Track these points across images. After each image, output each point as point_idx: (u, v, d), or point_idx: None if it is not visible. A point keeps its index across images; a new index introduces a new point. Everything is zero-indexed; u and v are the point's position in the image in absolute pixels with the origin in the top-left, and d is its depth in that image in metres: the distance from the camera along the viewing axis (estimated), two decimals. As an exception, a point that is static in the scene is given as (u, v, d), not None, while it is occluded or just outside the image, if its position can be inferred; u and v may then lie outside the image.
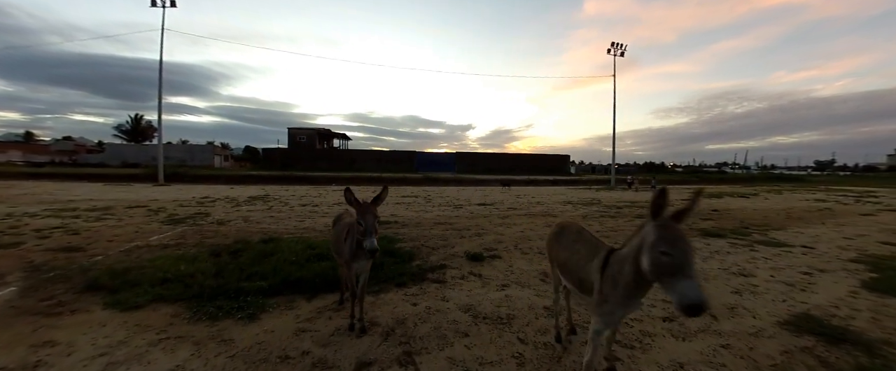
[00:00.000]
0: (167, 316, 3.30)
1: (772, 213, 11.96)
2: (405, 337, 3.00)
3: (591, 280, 2.17)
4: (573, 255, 2.46)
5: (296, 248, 5.62)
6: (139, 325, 3.13)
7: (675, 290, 1.56)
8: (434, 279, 4.60)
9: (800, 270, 5.06)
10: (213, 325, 3.12)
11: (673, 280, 1.58)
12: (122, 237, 6.82)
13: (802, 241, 7.18)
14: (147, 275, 4.25)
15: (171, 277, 4.14)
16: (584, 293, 2.31)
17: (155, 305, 3.51)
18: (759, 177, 48.91)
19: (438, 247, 6.45)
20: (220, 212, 10.75)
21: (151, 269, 4.52)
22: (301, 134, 55.38)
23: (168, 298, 3.63)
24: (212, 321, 3.19)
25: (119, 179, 27.01)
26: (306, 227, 8.50)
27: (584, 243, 2.45)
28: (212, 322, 3.17)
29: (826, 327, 3.20)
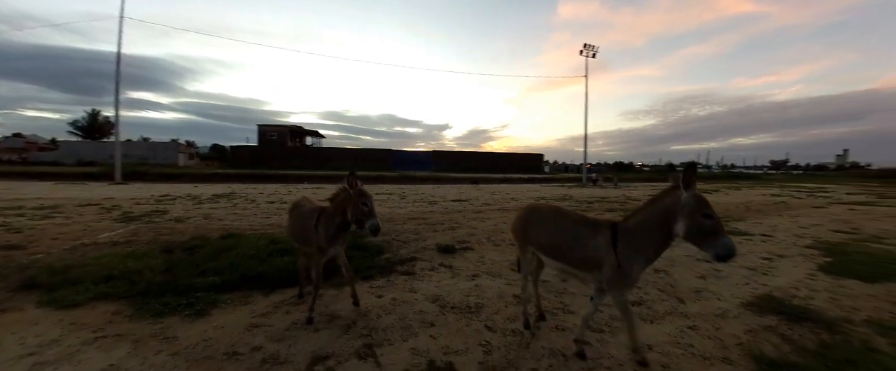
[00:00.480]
0: (107, 314, 3.05)
1: (732, 206, 12.46)
2: (367, 329, 2.85)
3: (595, 256, 2.22)
4: (563, 234, 2.42)
5: (257, 244, 5.32)
6: (75, 323, 2.87)
7: (718, 245, 1.90)
8: (403, 271, 4.45)
9: (760, 256, 5.20)
10: (156, 323, 2.89)
11: (714, 238, 1.92)
12: (69, 235, 6.29)
13: (762, 230, 7.45)
14: (89, 272, 3.93)
15: (116, 274, 3.85)
16: (583, 271, 2.33)
17: (95, 303, 3.25)
18: (720, 175, 51.37)
19: (410, 240, 6.27)
20: (179, 209, 10.11)
21: (95, 266, 4.18)
22: (272, 131, 53.61)
23: (110, 296, 3.38)
24: (156, 318, 2.96)
25: (73, 178, 25.11)
26: (273, 223, 8.09)
27: (573, 222, 2.45)
28: (156, 319, 2.95)
29: (788, 307, 3.25)
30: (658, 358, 2.43)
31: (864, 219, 9.47)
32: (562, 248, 2.40)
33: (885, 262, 4.87)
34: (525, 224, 2.71)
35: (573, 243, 2.34)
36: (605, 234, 2.20)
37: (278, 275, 3.92)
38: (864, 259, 4.99)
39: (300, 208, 3.33)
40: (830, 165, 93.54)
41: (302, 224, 3.13)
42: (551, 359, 2.44)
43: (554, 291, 3.73)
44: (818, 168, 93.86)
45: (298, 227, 3.21)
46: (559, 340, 2.69)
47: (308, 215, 3.07)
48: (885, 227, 8.02)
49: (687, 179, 1.98)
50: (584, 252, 2.27)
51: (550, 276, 4.18)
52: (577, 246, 2.31)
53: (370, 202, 2.74)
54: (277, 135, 53.32)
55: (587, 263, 2.28)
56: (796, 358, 2.43)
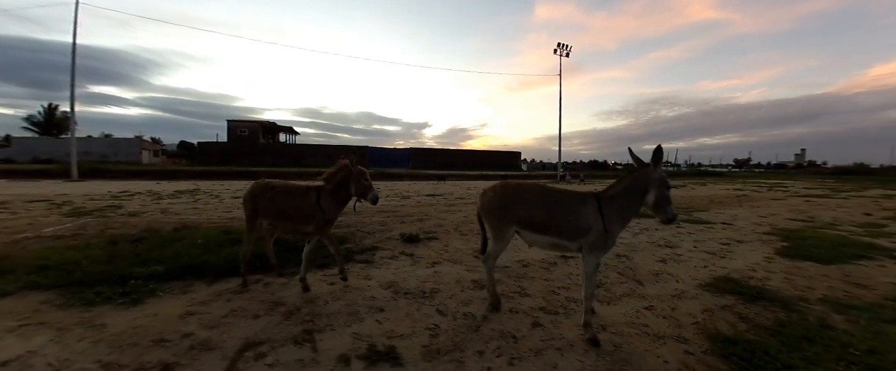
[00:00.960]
0: (35, 303, 2.90)
1: (697, 199, 12.80)
2: (311, 315, 2.68)
3: (586, 225, 2.40)
4: (557, 207, 2.49)
5: (207, 234, 5.07)
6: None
7: (669, 211, 2.41)
8: (362, 260, 4.26)
9: (720, 242, 5.24)
10: (86, 311, 2.75)
11: (668, 206, 2.41)
12: (12, 229, 5.82)
13: (722, 219, 7.60)
14: (24, 263, 3.74)
15: (52, 265, 3.66)
16: (572, 240, 2.45)
17: (25, 293, 3.09)
18: (687, 173, 53.35)
19: (375, 231, 6.03)
20: (136, 205, 9.51)
21: (31, 257, 3.96)
22: (242, 127, 51.74)
23: (42, 286, 3.21)
24: (86, 307, 2.81)
25: (26, 176, 23.43)
26: (234, 216, 7.65)
27: (562, 195, 2.57)
28: (86, 308, 2.80)
29: (744, 287, 3.21)
30: (610, 338, 2.30)
31: (820, 209, 9.87)
32: (556, 220, 2.46)
33: (839, 245, 4.99)
34: (508, 202, 2.57)
35: (567, 215, 2.44)
36: (593, 204, 2.44)
37: (225, 264, 3.72)
38: (819, 243, 5.10)
39: (279, 189, 3.22)
40: (790, 164, 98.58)
41: (292, 203, 3.15)
42: (500, 341, 2.28)
43: (513, 276, 3.58)
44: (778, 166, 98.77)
45: (284, 206, 3.16)
46: (511, 323, 2.54)
47: (302, 193, 3.17)
48: (839, 216, 8.35)
49: (655, 159, 2.37)
50: (577, 221, 2.41)
51: (512, 263, 4.04)
52: (571, 217, 2.42)
53: (368, 177, 3.18)
54: (248, 131, 51.51)
55: (578, 232, 2.41)
56: (753, 336, 2.35)
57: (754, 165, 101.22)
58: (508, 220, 2.57)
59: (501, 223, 2.60)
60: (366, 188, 3.16)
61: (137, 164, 41.72)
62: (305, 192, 3.18)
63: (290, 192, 3.21)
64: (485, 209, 2.67)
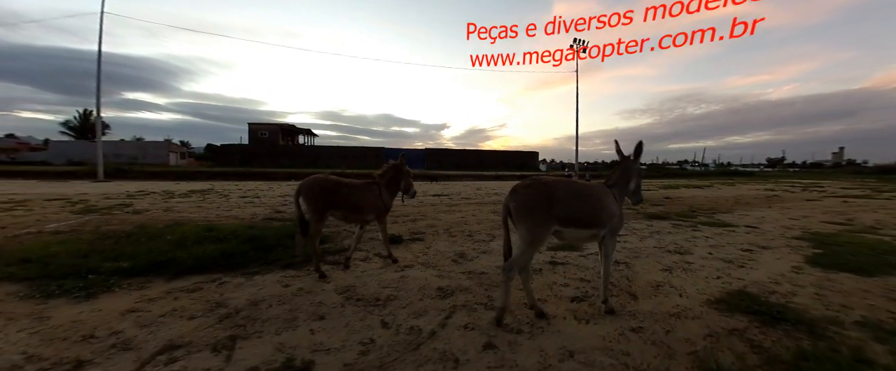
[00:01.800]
0: (1, 294, 2.96)
1: (721, 199, 11.89)
2: (247, 319, 2.52)
3: (612, 212, 2.58)
4: (593, 201, 2.53)
5: (187, 231, 5.01)
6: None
7: (640, 195, 2.87)
8: (332, 261, 3.99)
9: (740, 247, 4.61)
10: (41, 303, 2.79)
11: (640, 192, 2.86)
12: (18, 225, 5.99)
13: (747, 221, 6.87)
14: (9, 255, 3.83)
15: (34, 258, 3.77)
16: (601, 228, 2.54)
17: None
18: (715, 172, 50.91)
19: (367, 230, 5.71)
20: (145, 203, 9.60)
21: (18, 250, 4.10)
22: (263, 129, 52.90)
23: (16, 277, 3.28)
24: (44, 299, 2.85)
25: (57, 177, 24.60)
26: (232, 215, 7.59)
27: (592, 189, 2.64)
28: (43, 300, 2.84)
29: (762, 305, 2.65)
30: (575, 369, 1.82)
31: (859, 210, 8.91)
32: (595, 212, 2.51)
33: (882, 252, 4.29)
34: (550, 199, 2.35)
35: (600, 205, 2.53)
36: (610, 194, 2.66)
37: (192, 261, 3.67)
38: (858, 250, 4.40)
39: (342, 183, 3.49)
40: (827, 163, 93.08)
41: (363, 196, 3.53)
42: (437, 364, 1.87)
43: (487, 284, 3.15)
44: (814, 165, 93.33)
45: (357, 200, 3.50)
46: (460, 342, 2.12)
47: (366, 188, 3.60)
48: (882, 218, 7.45)
49: (637, 152, 2.83)
50: (608, 209, 2.55)
51: (491, 268, 3.59)
52: (602, 206, 2.54)
53: (411, 176, 3.93)
54: (268, 133, 52.61)
55: (608, 219, 2.54)
56: (765, 371, 1.83)
57: (788, 165, 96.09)
58: (550, 219, 2.36)
59: (543, 223, 2.34)
60: (409, 184, 3.91)
61: (164, 165, 43.22)
62: (370, 186, 3.63)
63: (358, 187, 3.55)
64: (523, 210, 2.35)
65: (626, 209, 3.33)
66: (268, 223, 6.57)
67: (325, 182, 3.41)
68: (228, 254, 4.02)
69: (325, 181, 3.42)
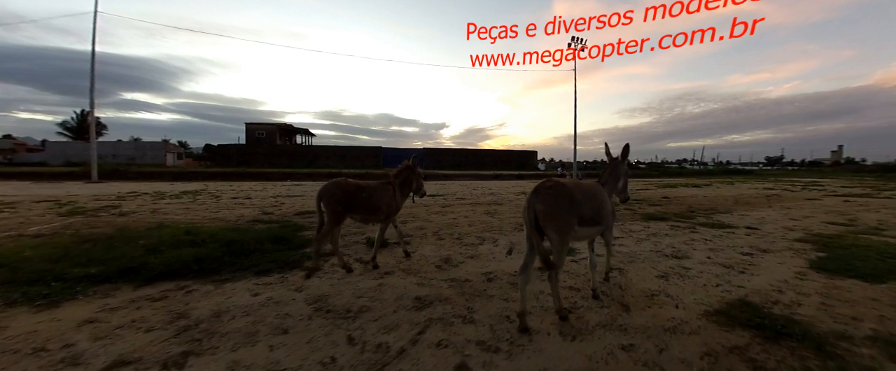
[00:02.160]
0: None
1: (721, 199, 11.68)
2: (206, 333, 2.37)
3: (610, 208, 2.86)
4: (595, 201, 2.67)
5: (165, 235, 4.86)
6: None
7: (627, 192, 3.22)
8: (308, 267, 3.74)
9: (741, 251, 4.40)
10: (2, 312, 2.67)
11: (627, 189, 3.21)
12: (1, 228, 5.89)
13: (747, 222, 6.66)
14: None
15: (5, 262, 3.67)
16: (600, 225, 2.75)
17: None
18: (714, 171, 50.72)
19: (346, 234, 5.51)
20: (134, 205, 9.43)
21: None
22: (260, 129, 52.62)
23: None
24: (6, 307, 2.75)
25: (52, 178, 24.48)
26: (218, 217, 7.41)
27: (594, 189, 2.78)
28: (5, 308, 2.73)
29: (766, 317, 2.44)
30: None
31: (861, 210, 8.71)
32: (603, 210, 2.72)
33: (889, 256, 4.07)
34: (573, 200, 2.43)
35: (604, 203, 2.75)
36: (608, 194, 2.93)
37: (164, 267, 3.52)
38: (864, 254, 4.19)
39: (360, 186, 3.59)
40: (826, 161, 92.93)
41: (380, 198, 3.64)
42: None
43: (468, 293, 2.93)
44: (813, 164, 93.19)
45: (376, 202, 3.60)
46: (430, 362, 1.91)
47: (382, 188, 3.71)
48: (885, 219, 7.25)
49: (624, 154, 3.09)
50: (607, 209, 2.78)
51: (475, 275, 3.38)
52: (605, 206, 2.76)
53: (422, 177, 4.12)
54: (265, 133, 52.34)
55: (607, 218, 2.78)
56: (769, 399, 1.62)
57: (787, 163, 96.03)
58: (574, 220, 2.43)
59: (571, 224, 2.42)
60: (420, 185, 4.11)
61: (161, 166, 42.98)
62: (386, 187, 3.75)
63: (376, 189, 3.65)
64: (552, 213, 2.34)
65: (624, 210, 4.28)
66: (252, 225, 6.37)
67: (345, 186, 3.49)
68: (202, 259, 3.83)
69: (345, 185, 3.51)
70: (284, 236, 5.11)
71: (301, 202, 10.36)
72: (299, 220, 6.98)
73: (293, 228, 5.88)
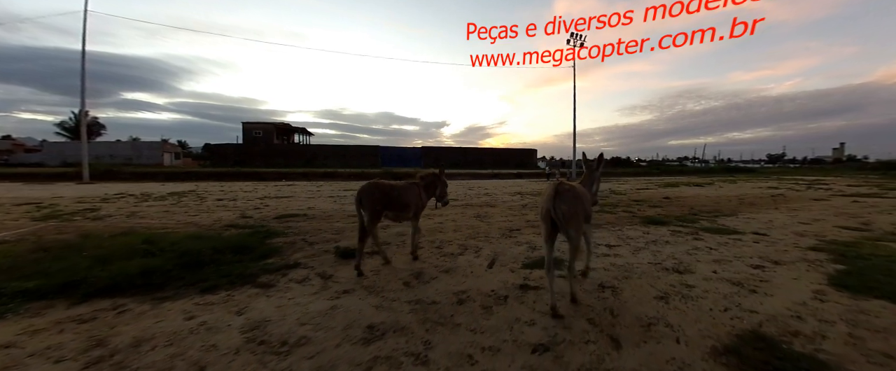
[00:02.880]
0: None
1: (724, 199, 11.22)
2: (118, 366, 2.05)
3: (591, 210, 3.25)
4: (589, 201, 3.03)
5: (118, 244, 4.52)
6: None
7: (596, 197, 3.53)
8: (262, 283, 3.40)
9: (750, 263, 3.96)
10: None
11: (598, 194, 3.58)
12: None
13: (754, 227, 6.21)
14: None
15: None
16: (588, 222, 3.18)
17: None
18: (716, 169, 50.18)
19: (320, 242, 5.14)
20: (113, 208, 9.09)
21: None
22: (257, 129, 52.25)
23: None
24: None
25: (46, 179, 24.30)
26: (193, 221, 7.06)
27: (585, 191, 3.05)
28: None
29: (785, 357, 2.00)
30: None
31: (872, 211, 8.25)
32: (590, 210, 3.05)
33: (916, 269, 3.62)
34: (584, 200, 2.82)
35: (589, 202, 3.07)
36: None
37: (107, 281, 3.21)
38: (887, 266, 3.74)
39: (392, 186, 3.79)
40: (827, 159, 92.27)
41: (407, 195, 3.83)
42: None
43: (430, 320, 2.49)
44: (815, 161, 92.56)
45: (407, 201, 3.82)
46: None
47: (410, 188, 3.93)
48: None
49: (599, 162, 3.53)
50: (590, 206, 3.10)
51: (444, 296, 2.95)
52: (589, 204, 3.09)
53: (446, 185, 4.35)
54: (262, 132, 51.98)
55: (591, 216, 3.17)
56: None
57: (789, 161, 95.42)
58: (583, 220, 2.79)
59: (583, 222, 2.81)
60: (443, 193, 4.32)
61: (158, 166, 42.68)
62: (412, 187, 3.96)
63: (406, 189, 3.87)
64: (574, 214, 2.64)
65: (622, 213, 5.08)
66: (222, 232, 5.98)
67: (381, 186, 3.68)
68: (150, 272, 3.51)
69: (381, 185, 3.69)
70: (249, 245, 4.72)
71: (287, 204, 9.95)
72: (276, 224, 6.57)
73: (264, 235, 5.47)
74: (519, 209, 8.83)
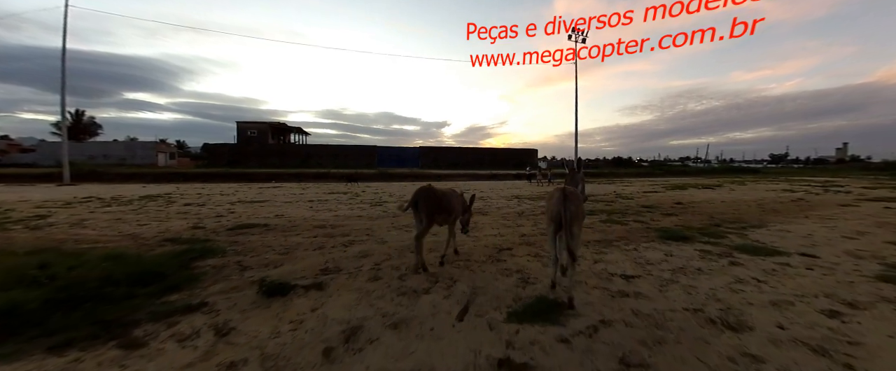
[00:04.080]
0: None
1: (743, 205, 10.13)
2: None
3: None
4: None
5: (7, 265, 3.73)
6: None
7: (585, 193, 4.07)
8: (133, 340, 2.39)
9: (818, 306, 2.88)
10: None
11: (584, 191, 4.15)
12: None
13: (795, 244, 5.13)
14: None
15: None
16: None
17: None
18: (719, 169, 49.03)
19: (256, 266, 4.09)
20: (65, 214, 8.21)
21: None
22: (251, 128, 51.21)
23: None
24: None
25: (28, 180, 23.58)
26: (135, 233, 6.08)
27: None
28: None
29: None
30: None
31: (920, 222, 7.18)
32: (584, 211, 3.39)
33: None
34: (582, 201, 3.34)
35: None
36: None
37: None
38: None
39: (445, 192, 4.10)
40: (830, 159, 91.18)
41: (453, 201, 4.12)
42: None
43: None
44: (818, 161, 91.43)
45: (450, 204, 4.03)
46: None
47: (452, 193, 4.23)
48: (964, 236, 5.71)
49: (580, 165, 4.36)
50: None
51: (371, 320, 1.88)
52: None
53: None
54: (257, 131, 50.94)
55: None
56: None
57: (792, 161, 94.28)
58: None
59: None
60: (466, 221, 4.64)
61: (152, 166, 41.79)
62: (454, 193, 4.31)
63: (449, 194, 4.13)
64: (580, 214, 3.03)
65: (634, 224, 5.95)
66: (157, 247, 5.01)
67: (434, 191, 3.86)
68: (12, 311, 2.62)
69: (434, 191, 3.86)
70: (164, 271, 3.75)
71: (256, 210, 8.87)
72: (224, 239, 5.52)
73: (195, 255, 4.44)
74: (514, 218, 7.75)
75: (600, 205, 10.20)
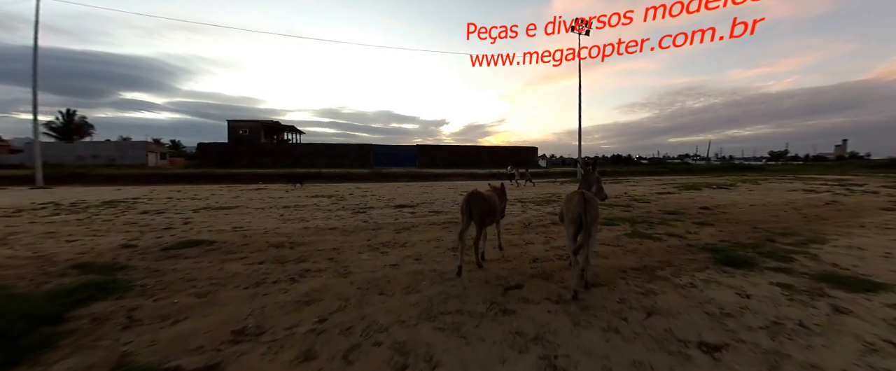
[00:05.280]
0: None
1: (777, 210, 8.93)
2: None
3: None
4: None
5: None
6: None
7: (603, 194, 4.10)
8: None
9: None
10: None
11: (602, 191, 4.11)
12: None
13: (885, 268, 3.93)
14: None
15: None
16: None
17: None
18: (720, 167, 47.94)
19: (151, 319, 2.93)
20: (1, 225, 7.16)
21: None
22: (242, 126, 49.75)
23: None
24: None
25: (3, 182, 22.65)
26: (50, 253, 4.90)
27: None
28: None
29: None
30: None
31: None
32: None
33: None
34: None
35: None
36: None
37: None
38: None
39: (489, 194, 4.26)
40: (830, 156, 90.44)
41: (497, 203, 4.39)
42: None
43: None
44: (817, 158, 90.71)
45: (495, 205, 4.27)
46: None
47: (494, 196, 4.43)
48: None
49: (594, 166, 4.14)
50: None
51: None
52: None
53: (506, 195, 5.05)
54: (249, 130, 49.49)
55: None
56: None
57: (791, 158, 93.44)
58: None
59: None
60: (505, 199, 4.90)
61: (142, 166, 40.47)
62: (495, 195, 4.51)
63: (492, 197, 4.31)
64: (596, 215, 3.23)
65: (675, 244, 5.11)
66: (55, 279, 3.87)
67: (483, 195, 4.04)
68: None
69: (482, 195, 4.04)
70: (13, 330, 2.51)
71: (214, 221, 7.55)
72: (148, 265, 4.30)
73: (84, 296, 3.22)
74: (520, 231, 6.38)
75: (617, 210, 8.92)
